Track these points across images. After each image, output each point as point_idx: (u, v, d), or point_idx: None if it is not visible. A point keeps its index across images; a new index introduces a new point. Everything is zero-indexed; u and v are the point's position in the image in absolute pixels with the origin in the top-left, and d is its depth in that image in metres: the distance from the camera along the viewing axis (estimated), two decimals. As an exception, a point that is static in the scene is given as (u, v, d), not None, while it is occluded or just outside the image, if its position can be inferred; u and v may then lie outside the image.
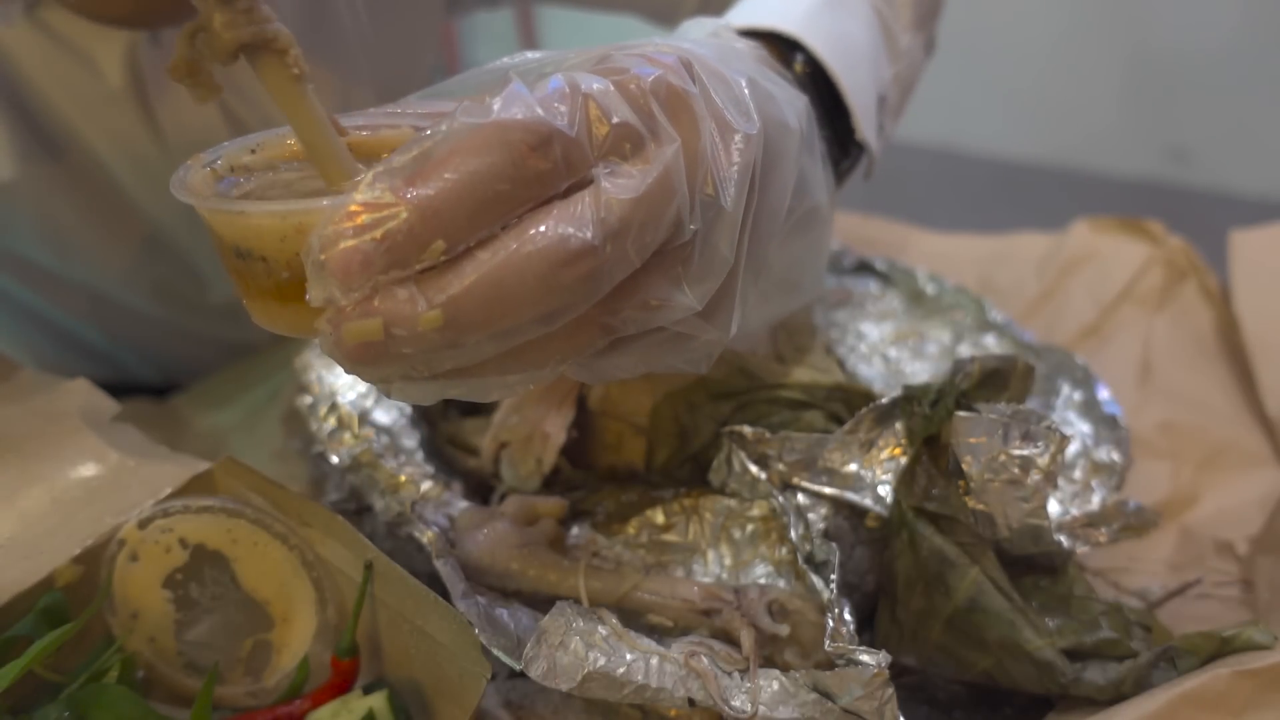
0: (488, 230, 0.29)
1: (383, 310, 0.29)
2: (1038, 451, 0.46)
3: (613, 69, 0.33)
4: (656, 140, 0.33)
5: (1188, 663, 0.43)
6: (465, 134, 0.29)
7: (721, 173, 0.35)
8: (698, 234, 0.34)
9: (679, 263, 0.34)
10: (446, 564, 0.43)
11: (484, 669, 0.40)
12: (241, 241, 0.32)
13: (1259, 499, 0.58)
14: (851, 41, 0.50)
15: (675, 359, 0.38)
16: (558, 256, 0.29)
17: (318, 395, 0.53)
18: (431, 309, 0.29)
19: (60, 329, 0.74)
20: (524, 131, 0.29)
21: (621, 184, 0.31)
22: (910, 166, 2.38)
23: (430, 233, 0.29)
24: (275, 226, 0.31)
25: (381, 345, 0.29)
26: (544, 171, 0.30)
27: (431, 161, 0.29)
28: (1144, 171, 2.47)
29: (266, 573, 0.45)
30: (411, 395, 0.33)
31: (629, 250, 0.31)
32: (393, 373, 0.31)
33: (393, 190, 0.29)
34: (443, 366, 0.31)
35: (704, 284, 0.35)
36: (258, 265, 0.32)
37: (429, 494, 0.49)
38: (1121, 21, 2.39)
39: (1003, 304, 0.72)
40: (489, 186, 0.29)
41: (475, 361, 0.31)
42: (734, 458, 0.47)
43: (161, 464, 0.47)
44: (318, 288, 0.29)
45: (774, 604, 0.43)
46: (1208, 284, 0.72)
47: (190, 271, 0.69)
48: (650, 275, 0.33)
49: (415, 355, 0.30)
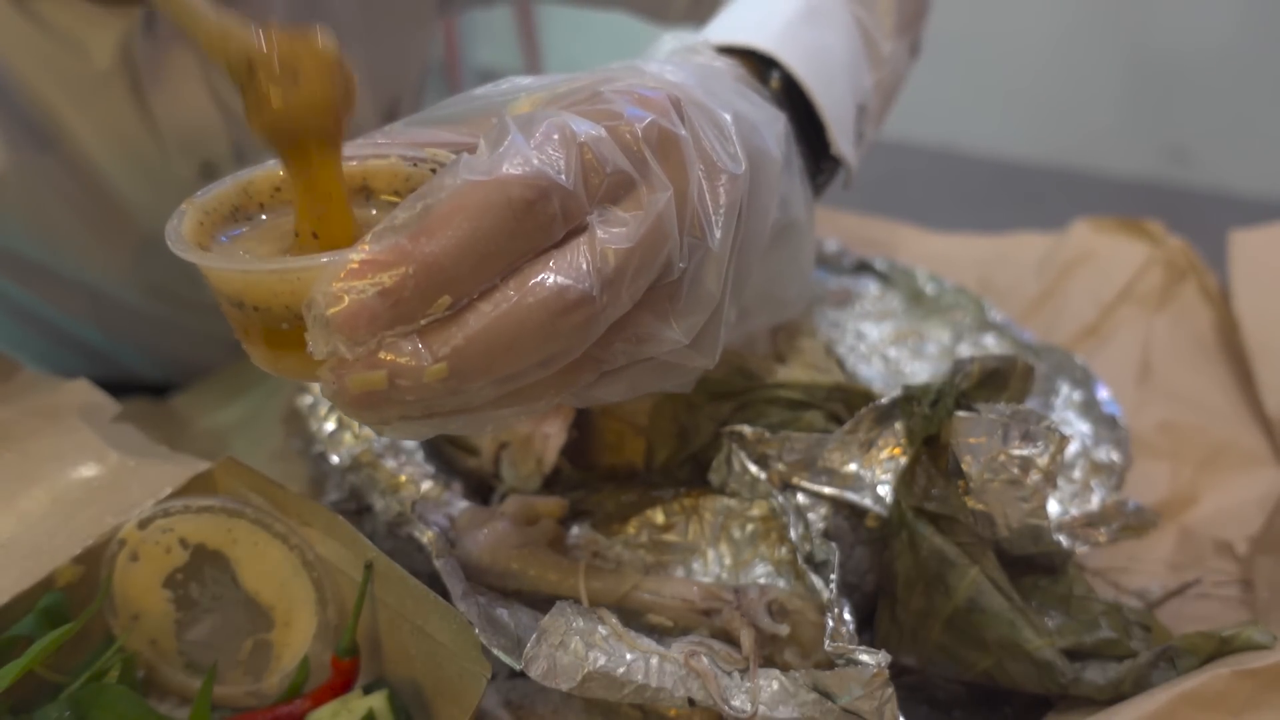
0: (489, 282, 0.30)
1: (388, 363, 0.29)
2: (1037, 451, 0.46)
3: (605, 112, 0.34)
4: (649, 186, 0.33)
5: (1187, 663, 0.43)
6: (466, 191, 0.30)
7: (709, 215, 0.36)
8: (685, 272, 0.35)
9: (667, 299, 0.35)
10: (446, 564, 0.43)
11: (484, 669, 0.40)
12: (239, 295, 0.32)
13: (1258, 499, 0.58)
14: (829, 55, 0.51)
15: (662, 384, 0.39)
16: (557, 306, 0.30)
17: (318, 395, 0.53)
18: (437, 362, 0.30)
19: (58, 327, 0.74)
20: (524, 188, 0.30)
21: (616, 233, 0.32)
22: (910, 166, 2.38)
23: (435, 289, 0.29)
24: (276, 283, 0.31)
25: (384, 394, 0.30)
26: (542, 224, 0.31)
27: (434, 218, 0.29)
28: (1144, 171, 2.47)
29: (267, 573, 0.45)
30: (407, 433, 0.34)
31: (623, 295, 0.32)
32: (392, 415, 0.31)
33: (397, 248, 0.29)
34: (442, 410, 0.32)
35: (691, 318, 0.36)
36: (256, 316, 0.32)
37: (429, 494, 0.49)
38: (1121, 22, 2.39)
39: (1002, 304, 0.72)
40: (491, 242, 0.30)
41: (475, 405, 0.32)
42: (734, 457, 0.47)
43: (161, 464, 0.47)
44: (321, 341, 0.30)
45: (774, 604, 0.43)
46: (1207, 284, 0.72)
47: (185, 271, 0.69)
48: (641, 312, 0.34)
49: (417, 401, 0.31)
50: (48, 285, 0.69)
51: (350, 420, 0.51)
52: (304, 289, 0.30)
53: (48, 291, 0.70)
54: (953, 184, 2.47)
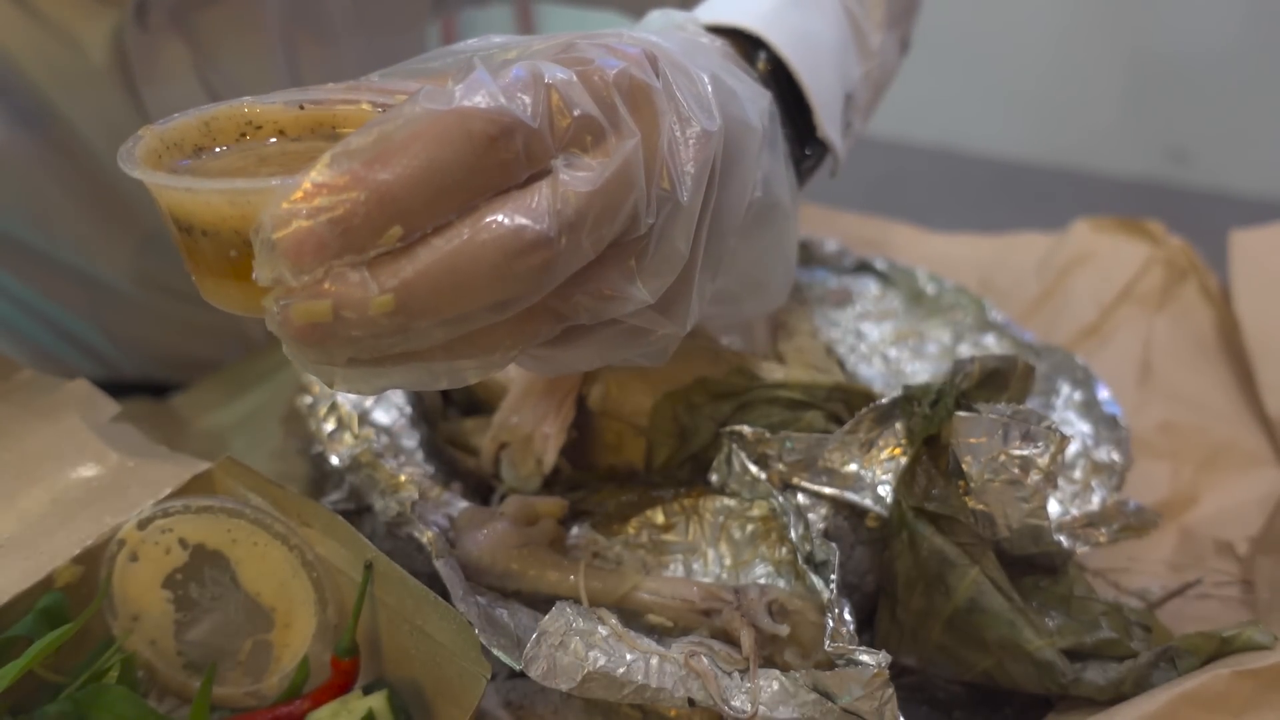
0: (444, 218, 0.29)
1: (333, 293, 0.29)
2: (1038, 451, 0.46)
3: (577, 59, 0.33)
4: (617, 133, 0.33)
5: (1188, 663, 0.43)
6: (426, 120, 0.29)
7: (679, 168, 0.35)
8: (654, 228, 0.34)
9: (633, 255, 0.34)
10: (446, 564, 0.43)
11: (484, 669, 0.40)
12: (188, 218, 0.31)
13: (1259, 499, 0.58)
14: (816, 39, 0.51)
15: (632, 352, 0.38)
16: (512, 246, 0.29)
17: (317, 395, 0.53)
18: (383, 294, 0.29)
19: (57, 321, 0.74)
20: (486, 121, 0.29)
21: (580, 176, 0.31)
22: (910, 167, 2.38)
23: (387, 218, 0.28)
24: (224, 205, 0.30)
25: (329, 327, 0.29)
26: (504, 161, 0.30)
27: (390, 145, 0.29)
28: (1144, 171, 2.47)
29: (266, 573, 0.45)
30: (356, 385, 0.33)
31: (584, 242, 0.31)
32: (338, 355, 0.30)
33: (350, 173, 0.28)
34: (390, 351, 0.31)
35: (658, 278, 0.35)
36: (204, 241, 0.31)
37: (429, 494, 0.49)
38: (1122, 22, 2.39)
39: (1003, 304, 0.72)
40: (448, 174, 0.29)
41: (423, 347, 0.31)
42: (734, 458, 0.47)
43: (161, 464, 0.47)
44: (266, 267, 0.29)
45: (774, 604, 0.43)
46: (1208, 284, 0.72)
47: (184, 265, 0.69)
48: (604, 267, 0.33)
49: (362, 339, 0.29)
50: (47, 276, 0.69)
51: (350, 420, 0.51)
52: (253, 213, 0.29)
53: (47, 283, 0.70)
54: (953, 184, 2.47)
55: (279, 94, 0.37)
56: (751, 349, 0.54)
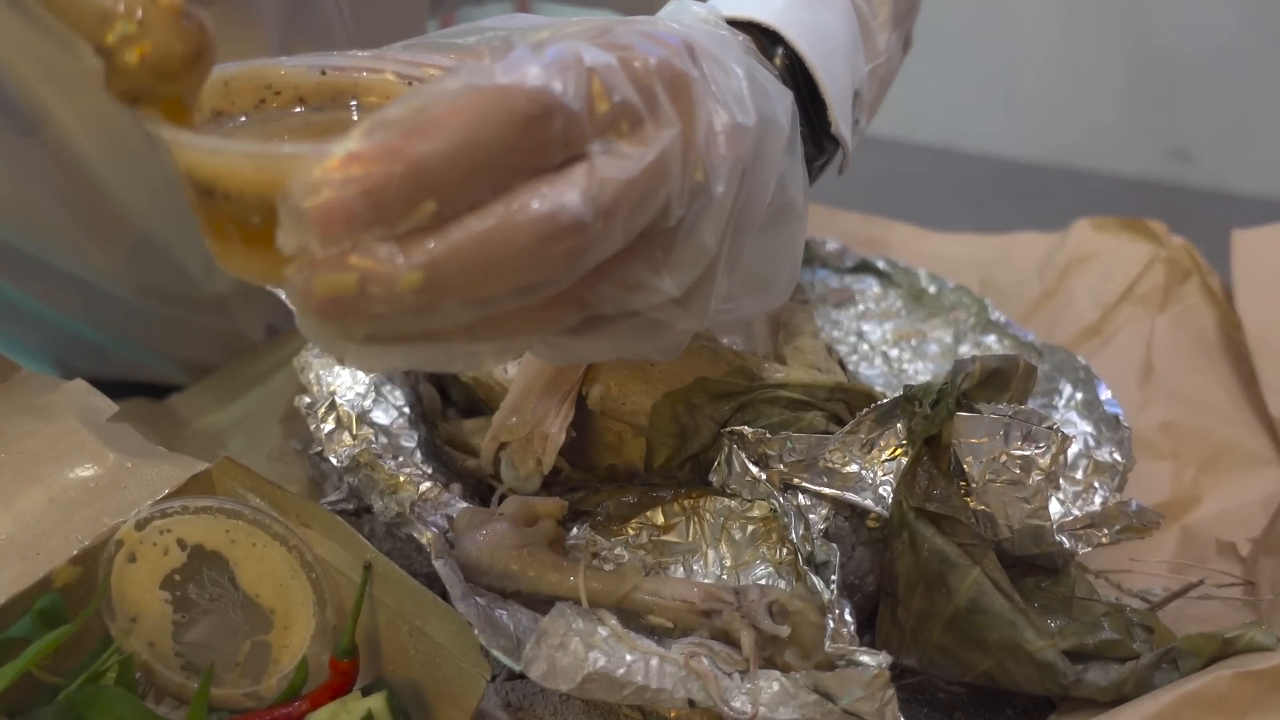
0: (478, 196, 0.29)
1: (360, 266, 0.28)
2: (1039, 452, 0.46)
3: (617, 44, 0.33)
4: (655, 122, 0.32)
5: (1190, 664, 0.43)
6: (466, 95, 0.28)
7: (714, 162, 0.34)
8: (683, 221, 0.34)
9: (661, 247, 0.33)
10: (446, 565, 0.43)
11: (483, 670, 0.40)
12: (210, 180, 0.30)
13: (1262, 500, 0.58)
14: (829, 35, 0.50)
15: (647, 346, 0.38)
16: (546, 230, 0.29)
17: (316, 395, 0.53)
18: (412, 270, 0.28)
19: (52, 323, 0.74)
20: (527, 100, 0.29)
21: (617, 163, 0.30)
22: (911, 166, 2.38)
23: (421, 193, 0.28)
24: (251, 169, 0.29)
25: (352, 302, 0.28)
26: (542, 142, 0.29)
27: (429, 119, 0.28)
28: (1146, 171, 2.47)
29: (265, 574, 0.45)
30: (369, 361, 0.31)
31: (617, 230, 0.31)
32: (356, 331, 0.29)
33: (386, 144, 0.27)
34: (411, 330, 0.30)
35: (685, 272, 0.35)
36: (226, 205, 0.30)
37: (428, 495, 0.49)
38: (1123, 21, 2.39)
39: (1004, 304, 0.72)
40: (486, 152, 0.28)
41: (445, 327, 0.30)
42: (734, 458, 0.47)
43: (159, 464, 0.47)
44: (292, 236, 0.28)
45: (774, 605, 0.43)
46: (1210, 284, 0.72)
47: (180, 270, 0.69)
48: (631, 257, 0.33)
49: (386, 316, 0.29)
50: (41, 281, 0.69)
51: (349, 420, 0.51)
52: (281, 179, 0.28)
53: (41, 287, 0.70)
54: (954, 183, 2.47)
55: (299, 57, 0.36)
56: (752, 349, 0.54)
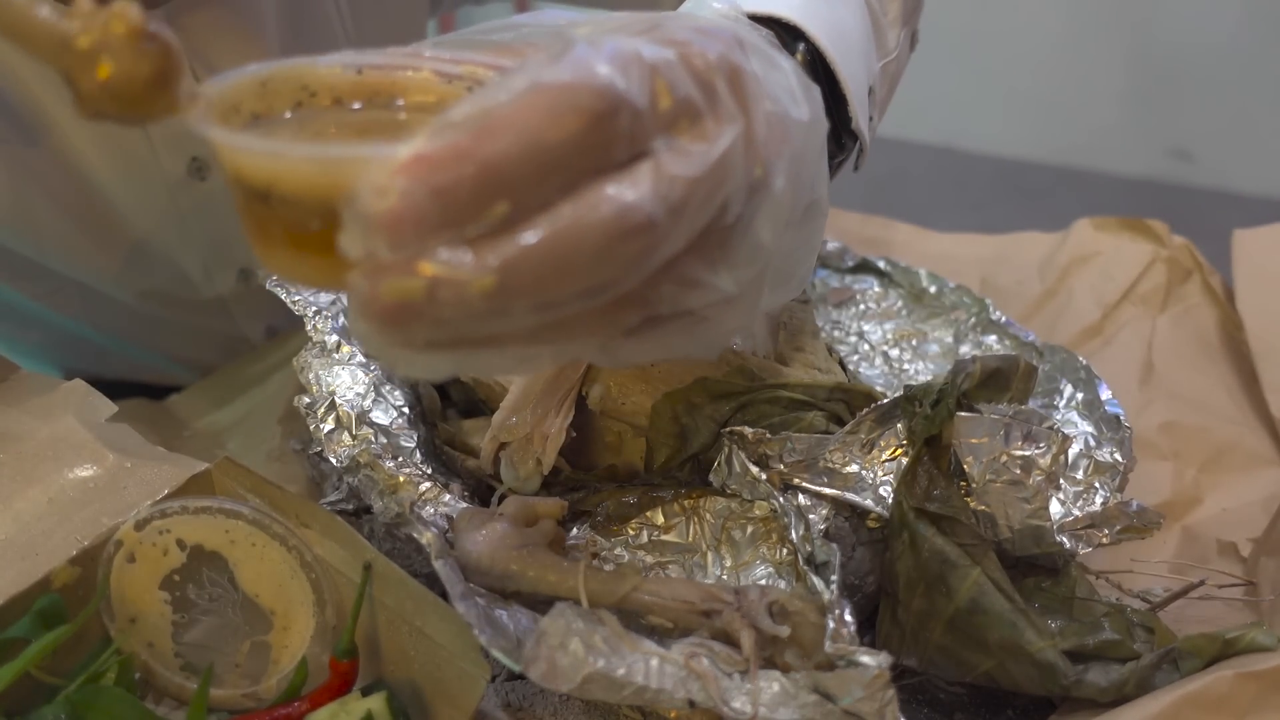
0: (547, 196, 0.28)
1: (431, 271, 0.27)
2: (1039, 452, 0.46)
3: (672, 39, 0.32)
4: (715, 118, 0.32)
5: (1191, 664, 0.43)
6: (533, 93, 0.28)
7: (772, 158, 0.34)
8: (740, 218, 0.33)
9: (717, 246, 0.33)
10: (445, 565, 0.43)
11: (483, 670, 0.40)
12: (268, 184, 0.29)
13: (1263, 500, 0.58)
14: (846, 31, 0.50)
15: (695, 345, 0.37)
16: (617, 229, 0.28)
17: (316, 395, 0.52)
18: (486, 274, 0.27)
19: (51, 325, 0.74)
20: (595, 98, 0.28)
21: (682, 161, 0.30)
22: (912, 166, 2.38)
23: (492, 194, 0.27)
24: (314, 172, 0.29)
25: (419, 307, 0.27)
26: (608, 140, 0.29)
27: (496, 118, 0.27)
28: (1147, 171, 2.47)
29: (265, 574, 0.45)
30: (421, 369, 0.30)
31: (682, 229, 0.30)
32: (418, 337, 0.28)
33: (455, 145, 0.27)
34: (474, 335, 0.29)
35: (742, 270, 0.34)
36: (282, 210, 0.29)
37: (428, 495, 0.48)
38: (1124, 20, 2.39)
39: (1005, 304, 0.71)
40: (555, 151, 0.28)
41: (511, 331, 0.29)
42: (734, 458, 0.47)
43: (159, 465, 0.47)
44: (358, 240, 0.27)
45: (774, 605, 0.43)
46: (1211, 283, 0.72)
47: (180, 274, 0.69)
48: (691, 255, 0.32)
49: (453, 321, 0.28)
50: (39, 284, 0.69)
51: (348, 421, 0.51)
52: (344, 182, 0.27)
53: (39, 290, 0.70)
54: (955, 183, 2.47)
55: (335, 55, 0.35)
56: (752, 349, 0.54)
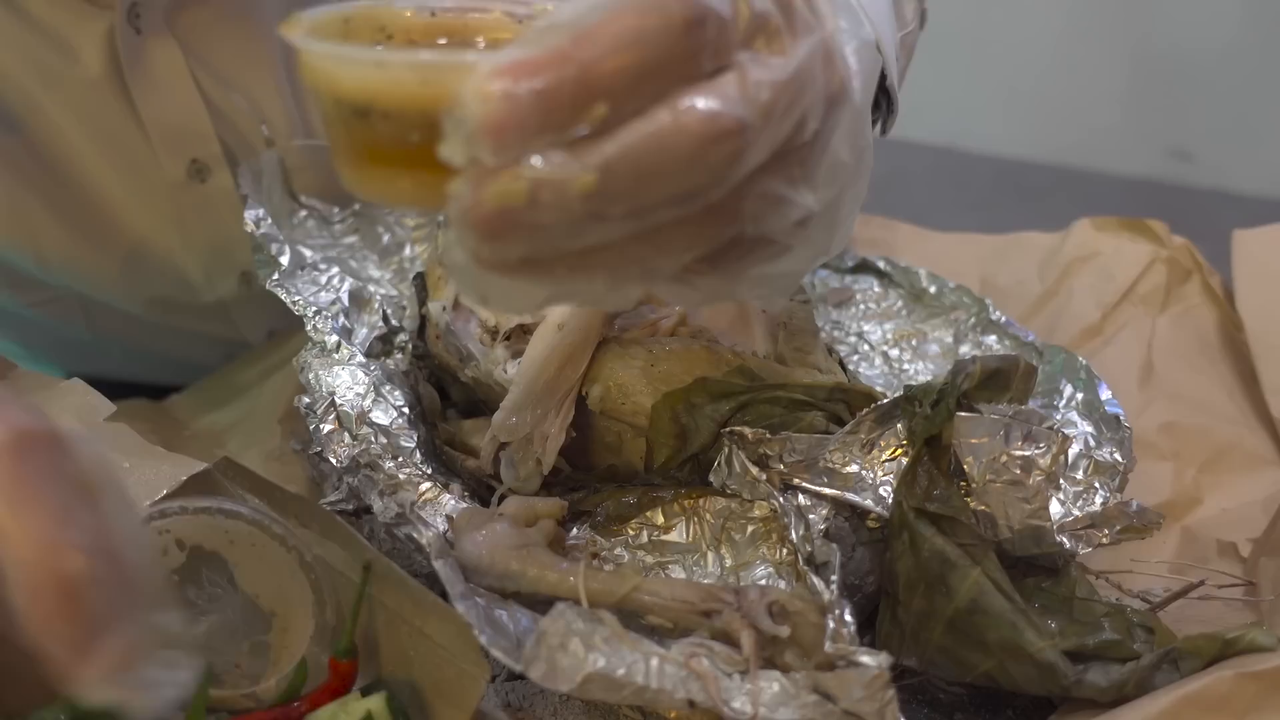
0: (642, 102, 0.29)
1: (533, 173, 0.28)
2: (1039, 452, 0.46)
3: None
4: (793, 31, 0.32)
5: (1191, 665, 0.43)
6: (626, 3, 0.28)
7: (849, 74, 0.34)
8: (818, 135, 0.33)
9: (798, 163, 0.33)
10: (445, 565, 0.43)
11: (483, 670, 0.40)
12: (370, 99, 0.30)
13: (1263, 500, 0.58)
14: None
15: (771, 282, 0.37)
16: (708, 133, 0.29)
17: (316, 395, 0.52)
18: (587, 173, 0.28)
19: (51, 330, 0.74)
20: (684, 6, 0.29)
21: (764, 69, 0.30)
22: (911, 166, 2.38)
23: (591, 98, 0.28)
24: (415, 82, 0.29)
25: (519, 213, 0.28)
26: (696, 49, 0.29)
27: (593, 25, 0.28)
28: (1147, 171, 2.47)
29: (264, 574, 0.45)
30: (518, 297, 0.32)
31: (767, 137, 0.31)
32: (515, 249, 0.29)
33: (555, 49, 0.27)
34: (571, 245, 0.30)
35: (824, 188, 0.34)
36: (383, 125, 0.30)
37: (428, 495, 0.49)
38: (1124, 20, 2.39)
39: (1005, 304, 0.71)
40: (649, 57, 0.28)
41: (604, 242, 0.30)
42: (734, 458, 0.47)
43: (158, 465, 0.47)
44: (460, 147, 0.28)
45: (774, 605, 0.43)
46: (1211, 284, 0.72)
47: (180, 278, 0.69)
48: (772, 173, 0.32)
49: (553, 226, 0.29)
50: (38, 293, 0.69)
51: (348, 421, 0.51)
52: (446, 91, 0.28)
53: (39, 298, 0.69)
54: (954, 183, 2.46)
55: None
56: (752, 349, 0.54)
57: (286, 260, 0.58)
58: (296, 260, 0.59)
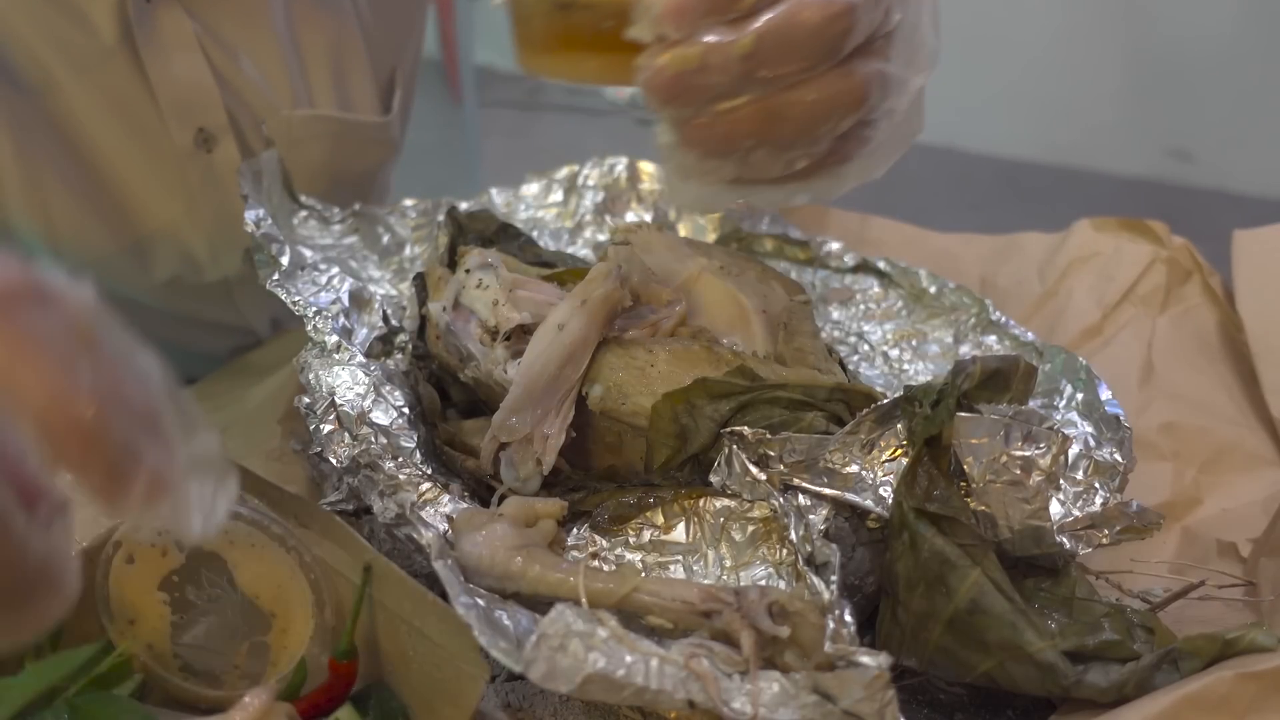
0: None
1: (704, 42, 0.39)
2: (1039, 452, 0.46)
3: None
4: None
5: (1190, 665, 0.43)
6: None
7: None
8: (902, 23, 0.42)
9: (887, 52, 0.42)
10: (445, 565, 0.43)
11: (483, 671, 0.40)
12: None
13: (1263, 500, 0.58)
14: None
15: (888, 162, 0.48)
16: (827, 13, 0.39)
17: (316, 395, 0.52)
18: (745, 37, 0.39)
19: None
20: None
21: None
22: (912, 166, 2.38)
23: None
24: None
25: (692, 76, 0.39)
26: None
27: None
28: (1147, 171, 2.47)
29: (264, 574, 0.45)
30: (707, 197, 0.44)
31: (865, 19, 0.40)
32: (689, 107, 0.40)
33: None
34: (733, 98, 0.40)
35: (921, 72, 0.44)
36: (579, 16, 0.41)
37: (428, 495, 0.48)
38: (1124, 20, 2.39)
39: (1004, 304, 0.71)
40: None
41: (759, 94, 0.40)
42: (734, 458, 0.47)
43: (159, 465, 0.47)
44: (649, 27, 0.39)
45: (774, 605, 0.43)
46: (1211, 284, 0.72)
47: (187, 255, 0.69)
48: (871, 58, 0.42)
49: (720, 84, 0.39)
50: None
51: (348, 421, 0.51)
52: None
53: None
54: (955, 183, 2.46)
55: None
56: (752, 349, 0.54)
57: (286, 260, 0.58)
58: (296, 260, 0.59)
